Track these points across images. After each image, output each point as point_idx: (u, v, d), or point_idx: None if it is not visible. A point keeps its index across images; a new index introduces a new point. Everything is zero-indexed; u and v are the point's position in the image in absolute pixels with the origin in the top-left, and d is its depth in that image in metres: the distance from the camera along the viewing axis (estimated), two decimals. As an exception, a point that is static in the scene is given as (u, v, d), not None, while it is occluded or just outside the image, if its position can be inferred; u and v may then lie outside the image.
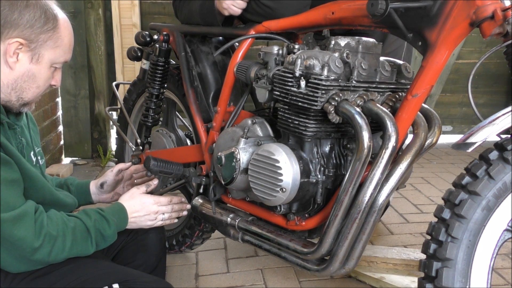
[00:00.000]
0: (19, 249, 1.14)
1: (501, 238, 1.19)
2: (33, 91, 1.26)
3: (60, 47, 1.26)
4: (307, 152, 1.42)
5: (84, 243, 1.26)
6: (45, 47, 1.23)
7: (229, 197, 1.71)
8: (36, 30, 1.20)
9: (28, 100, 1.27)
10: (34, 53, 1.22)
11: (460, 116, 4.29)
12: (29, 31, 1.20)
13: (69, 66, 3.43)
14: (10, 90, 1.23)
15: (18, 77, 1.22)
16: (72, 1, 3.32)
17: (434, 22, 1.26)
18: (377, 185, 1.27)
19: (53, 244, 1.19)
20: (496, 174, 1.16)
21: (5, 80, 1.21)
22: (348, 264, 1.35)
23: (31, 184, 1.24)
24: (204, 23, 1.83)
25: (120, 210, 1.39)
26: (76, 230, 1.25)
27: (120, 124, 2.32)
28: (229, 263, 2.14)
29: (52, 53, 1.25)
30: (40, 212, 1.20)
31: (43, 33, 1.22)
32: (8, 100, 1.25)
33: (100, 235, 1.29)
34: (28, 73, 1.23)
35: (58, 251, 1.20)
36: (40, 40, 1.22)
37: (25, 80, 1.23)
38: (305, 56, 1.38)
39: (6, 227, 1.12)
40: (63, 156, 3.56)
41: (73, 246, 1.23)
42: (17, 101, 1.26)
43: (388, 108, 1.37)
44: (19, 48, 1.20)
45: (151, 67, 2.01)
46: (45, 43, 1.23)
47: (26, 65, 1.22)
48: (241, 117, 1.68)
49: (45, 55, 1.24)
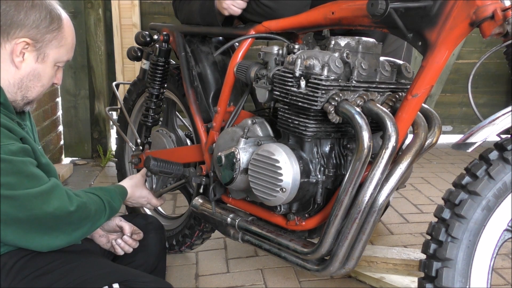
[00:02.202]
0: (57, 218, 1.19)
1: (501, 238, 1.19)
2: (37, 89, 1.29)
3: (64, 47, 1.29)
4: (307, 152, 1.42)
5: (101, 214, 1.34)
6: (50, 47, 1.26)
7: (229, 197, 1.71)
8: (42, 30, 1.23)
9: (32, 99, 1.30)
10: (40, 53, 1.25)
11: (460, 116, 4.29)
12: (35, 31, 1.22)
13: (69, 66, 3.43)
14: (16, 90, 1.26)
15: (24, 76, 1.25)
16: (72, 1, 3.31)
17: (434, 22, 1.26)
18: (377, 185, 1.27)
19: (84, 208, 1.26)
20: (496, 174, 1.16)
21: (11, 79, 1.24)
22: (348, 264, 1.35)
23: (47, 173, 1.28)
24: (204, 23, 1.83)
25: (122, 193, 1.53)
26: (96, 201, 1.34)
27: (120, 124, 2.32)
28: (229, 263, 2.14)
29: (56, 53, 1.27)
30: (65, 185, 1.24)
31: (49, 33, 1.24)
32: (14, 100, 1.27)
33: (110, 208, 1.38)
34: (33, 72, 1.26)
35: (89, 216, 1.27)
36: (46, 40, 1.24)
37: (30, 79, 1.26)
38: (305, 56, 1.38)
39: (39, 202, 1.16)
40: (63, 156, 3.56)
41: (96, 214, 1.31)
42: (22, 100, 1.28)
43: (388, 108, 1.37)
44: (25, 48, 1.22)
45: (151, 67, 2.01)
46: (50, 43, 1.25)
47: (32, 65, 1.25)
48: (241, 117, 1.68)
49: (50, 55, 1.26)
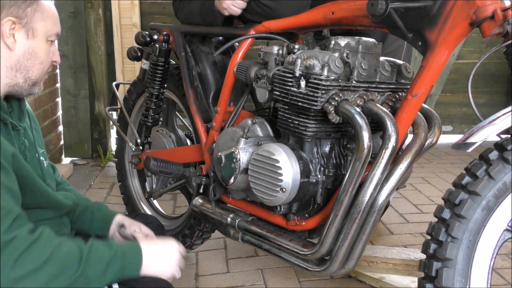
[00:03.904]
0: None
1: (501, 238, 1.19)
2: (37, 67, 1.28)
3: (49, 18, 1.28)
4: (307, 152, 1.42)
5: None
6: (35, 20, 1.25)
7: (229, 197, 1.71)
8: (22, 6, 1.22)
9: (35, 79, 1.29)
10: (28, 29, 1.24)
11: (460, 116, 4.29)
12: (15, 8, 1.21)
13: (69, 66, 3.43)
14: (15, 72, 1.25)
15: (20, 57, 1.24)
16: (72, 1, 3.31)
17: (434, 22, 1.26)
18: (377, 185, 1.27)
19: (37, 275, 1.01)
20: (496, 174, 1.16)
21: (7, 63, 1.23)
22: (348, 264, 1.35)
23: (28, 187, 1.22)
24: (204, 23, 1.83)
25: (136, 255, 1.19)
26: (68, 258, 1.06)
27: (120, 124, 2.32)
28: (229, 263, 2.14)
29: (43, 26, 1.27)
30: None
31: (29, 6, 1.23)
32: (16, 83, 1.26)
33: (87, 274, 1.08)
34: (28, 50, 1.25)
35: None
36: (29, 14, 1.23)
37: (27, 58, 1.25)
38: (305, 56, 1.38)
39: None
40: (63, 156, 3.56)
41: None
42: (25, 82, 1.27)
43: (388, 108, 1.37)
44: (12, 28, 1.21)
45: (151, 67, 2.01)
46: (34, 16, 1.24)
47: (24, 43, 1.24)
48: (241, 117, 1.68)
49: (38, 28, 1.26)
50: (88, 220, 1.49)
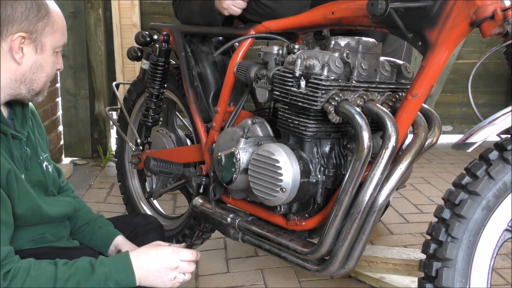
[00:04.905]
0: None
1: (501, 238, 1.19)
2: (43, 80, 1.27)
3: (57, 31, 1.27)
4: (307, 152, 1.42)
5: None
6: (44, 35, 1.24)
7: (229, 197, 1.71)
8: (33, 20, 1.21)
9: (39, 90, 1.29)
10: (37, 43, 1.23)
11: (460, 116, 4.29)
12: (26, 22, 1.20)
13: (69, 66, 3.43)
14: (19, 84, 1.24)
15: (26, 70, 1.23)
16: (72, 1, 3.31)
17: (434, 22, 1.26)
18: (377, 185, 1.27)
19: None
20: (496, 174, 1.16)
21: (12, 76, 1.22)
22: (348, 264, 1.35)
23: (23, 203, 1.21)
24: (204, 23, 1.83)
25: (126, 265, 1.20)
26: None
27: (120, 124, 2.32)
28: (229, 263, 2.14)
29: (52, 39, 1.26)
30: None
31: (40, 21, 1.22)
32: (18, 93, 1.25)
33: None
34: (35, 64, 1.24)
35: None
36: (39, 29, 1.22)
37: (34, 72, 1.24)
38: (305, 56, 1.38)
39: None
40: (63, 156, 3.56)
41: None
42: (28, 93, 1.27)
43: (388, 108, 1.37)
44: (22, 42, 1.21)
45: (151, 67, 2.01)
46: (44, 31, 1.23)
47: (32, 57, 1.23)
48: (241, 117, 1.68)
49: (47, 42, 1.25)
50: (88, 236, 1.47)
